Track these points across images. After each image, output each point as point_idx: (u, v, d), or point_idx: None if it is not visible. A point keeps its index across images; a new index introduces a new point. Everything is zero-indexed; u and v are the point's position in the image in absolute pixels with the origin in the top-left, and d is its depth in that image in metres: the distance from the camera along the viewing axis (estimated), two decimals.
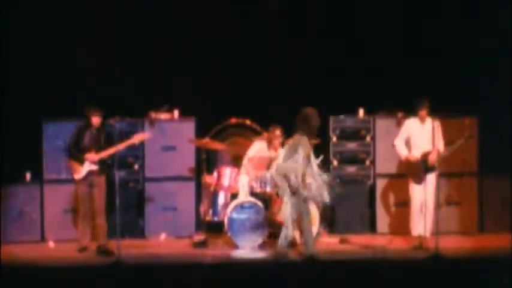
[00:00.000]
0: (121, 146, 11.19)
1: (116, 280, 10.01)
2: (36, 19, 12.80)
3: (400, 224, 12.43)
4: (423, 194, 11.26)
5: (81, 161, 11.17)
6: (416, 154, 11.45)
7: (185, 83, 13.11)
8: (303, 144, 10.70)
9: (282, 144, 11.58)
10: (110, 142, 11.16)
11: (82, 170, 11.19)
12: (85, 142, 11.22)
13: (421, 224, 11.27)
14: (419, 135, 11.48)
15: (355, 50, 13.38)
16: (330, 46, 13.38)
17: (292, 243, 11.19)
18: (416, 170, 11.38)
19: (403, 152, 11.58)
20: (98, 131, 11.26)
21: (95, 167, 11.18)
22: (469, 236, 12.30)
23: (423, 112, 11.41)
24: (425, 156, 11.35)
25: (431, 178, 11.33)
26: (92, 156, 11.14)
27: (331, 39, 13.38)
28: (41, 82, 12.76)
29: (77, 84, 12.76)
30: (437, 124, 11.30)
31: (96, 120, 11.21)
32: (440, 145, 11.44)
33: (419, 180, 11.33)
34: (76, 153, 11.17)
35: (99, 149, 11.18)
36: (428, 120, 11.43)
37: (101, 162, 11.21)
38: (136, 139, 11.40)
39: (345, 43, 13.38)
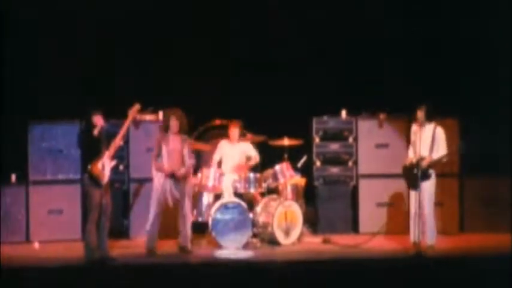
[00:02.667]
0: (124, 130, 10.90)
1: (101, 280, 10.05)
2: (23, 20, 12.83)
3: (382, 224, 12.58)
4: (418, 200, 10.99)
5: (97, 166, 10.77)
6: (414, 160, 11.10)
7: (170, 85, 13.19)
8: None
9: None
10: (111, 138, 10.90)
11: (106, 173, 10.77)
12: (98, 146, 10.76)
13: (417, 230, 10.99)
14: (417, 141, 11.11)
15: (339, 51, 13.50)
16: (314, 47, 13.49)
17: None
18: (410, 175, 11.05)
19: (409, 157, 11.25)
20: (101, 132, 10.82)
21: (113, 164, 10.94)
22: (450, 236, 12.39)
23: (420, 116, 11.04)
24: (419, 161, 11.00)
25: (426, 185, 11.01)
26: (108, 154, 10.79)
27: (315, 40, 13.49)
28: (27, 84, 12.80)
29: (63, 86, 12.82)
30: (439, 130, 11.08)
31: (101, 121, 10.78)
32: (442, 152, 11.05)
33: (414, 186, 11.00)
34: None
35: (107, 147, 10.81)
36: (429, 126, 11.05)
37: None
38: (131, 114, 11.01)
39: (330, 44, 13.49)
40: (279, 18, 13.43)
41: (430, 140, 11.00)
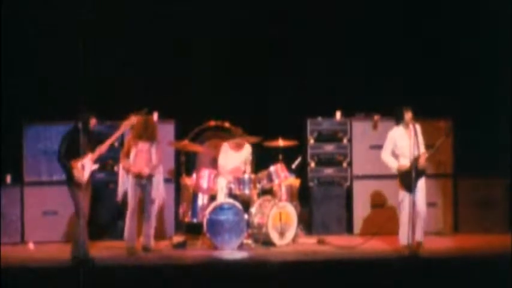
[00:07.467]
0: (112, 139, 11.04)
1: (95, 281, 10.05)
2: (16, 21, 12.84)
3: (377, 225, 12.62)
4: (413, 201, 10.94)
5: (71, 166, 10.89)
6: (405, 162, 11.07)
7: (164, 86, 13.20)
8: None
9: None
10: (100, 141, 11.01)
11: (85, 174, 10.84)
12: (82, 145, 10.82)
13: (410, 232, 10.92)
14: (407, 143, 11.05)
15: (334, 53, 13.52)
16: (309, 49, 13.52)
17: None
18: (408, 178, 10.97)
19: (392, 163, 11.24)
20: (90, 133, 10.98)
21: (95, 167, 11.02)
22: (444, 237, 12.44)
23: (408, 118, 11.07)
24: (415, 162, 10.94)
25: (421, 183, 11.06)
26: (91, 157, 10.87)
27: (310, 42, 13.52)
28: (21, 84, 12.81)
29: (57, 87, 12.83)
30: (417, 127, 11.11)
31: (93, 123, 10.96)
32: (422, 147, 11.11)
33: (413, 188, 10.97)
34: (67, 162, 10.84)
35: (93, 150, 10.92)
36: (411, 126, 11.10)
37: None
38: (124, 126, 11.20)
39: (324, 46, 13.52)
40: (275, 18, 13.47)
41: (414, 138, 11.01)
